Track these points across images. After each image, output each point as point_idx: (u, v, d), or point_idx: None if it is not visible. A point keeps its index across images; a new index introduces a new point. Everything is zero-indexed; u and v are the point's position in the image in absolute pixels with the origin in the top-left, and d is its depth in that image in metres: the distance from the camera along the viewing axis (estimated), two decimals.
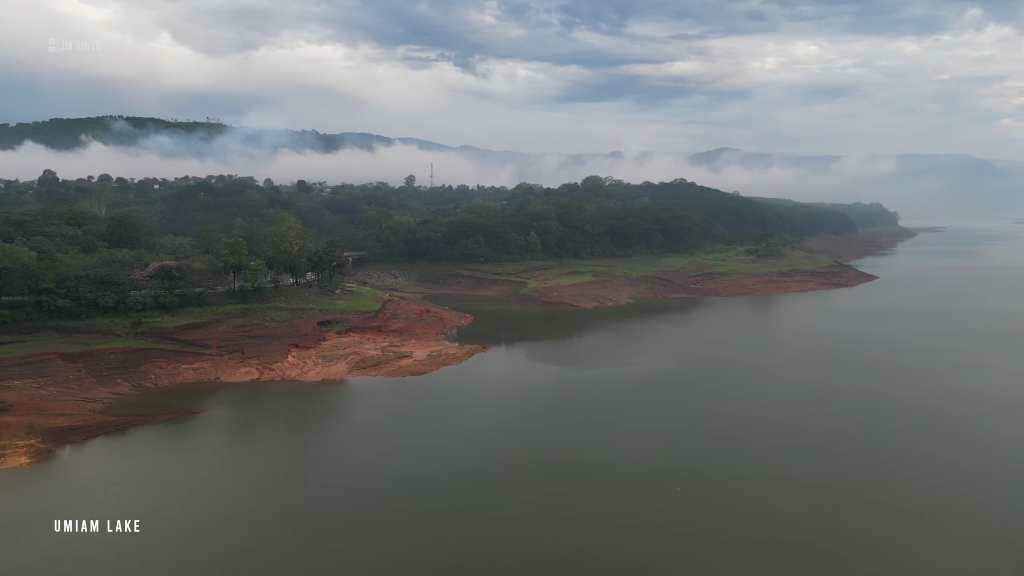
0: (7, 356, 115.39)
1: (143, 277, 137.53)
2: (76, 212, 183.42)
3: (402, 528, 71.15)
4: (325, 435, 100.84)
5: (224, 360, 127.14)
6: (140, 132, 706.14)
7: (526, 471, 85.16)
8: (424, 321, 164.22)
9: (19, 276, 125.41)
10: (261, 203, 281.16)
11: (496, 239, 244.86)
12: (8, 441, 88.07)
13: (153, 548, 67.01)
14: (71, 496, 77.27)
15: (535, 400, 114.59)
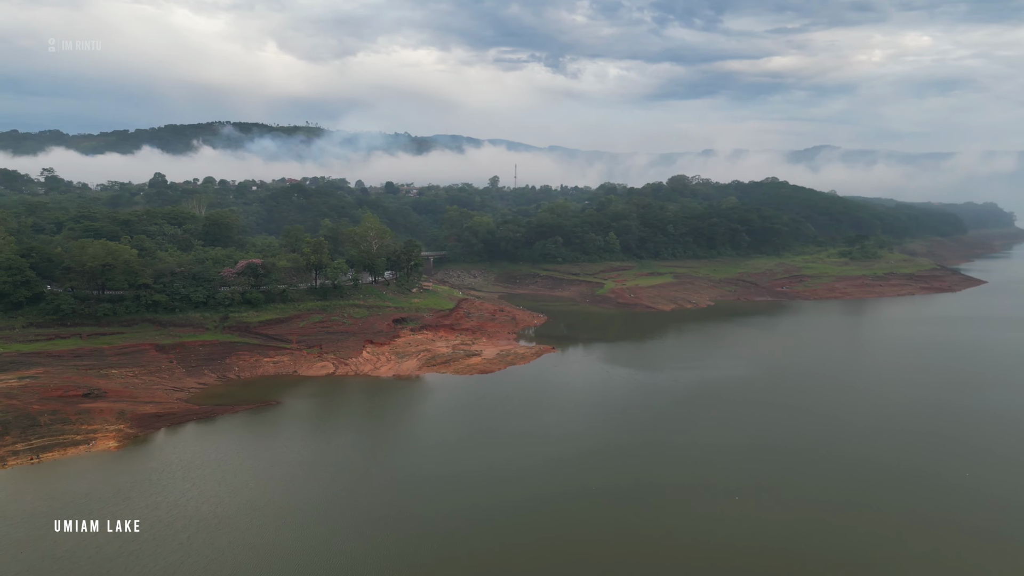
0: (107, 346, 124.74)
1: (232, 274, 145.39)
2: (177, 212, 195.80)
3: (440, 526, 72.67)
4: (391, 429, 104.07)
5: (303, 354, 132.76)
6: (246, 136, 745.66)
7: (576, 471, 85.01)
8: (496, 320, 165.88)
9: (121, 272, 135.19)
10: (350, 204, 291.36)
11: (575, 239, 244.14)
12: (100, 425, 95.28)
13: (222, 528, 70.94)
14: (150, 479, 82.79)
15: (598, 401, 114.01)
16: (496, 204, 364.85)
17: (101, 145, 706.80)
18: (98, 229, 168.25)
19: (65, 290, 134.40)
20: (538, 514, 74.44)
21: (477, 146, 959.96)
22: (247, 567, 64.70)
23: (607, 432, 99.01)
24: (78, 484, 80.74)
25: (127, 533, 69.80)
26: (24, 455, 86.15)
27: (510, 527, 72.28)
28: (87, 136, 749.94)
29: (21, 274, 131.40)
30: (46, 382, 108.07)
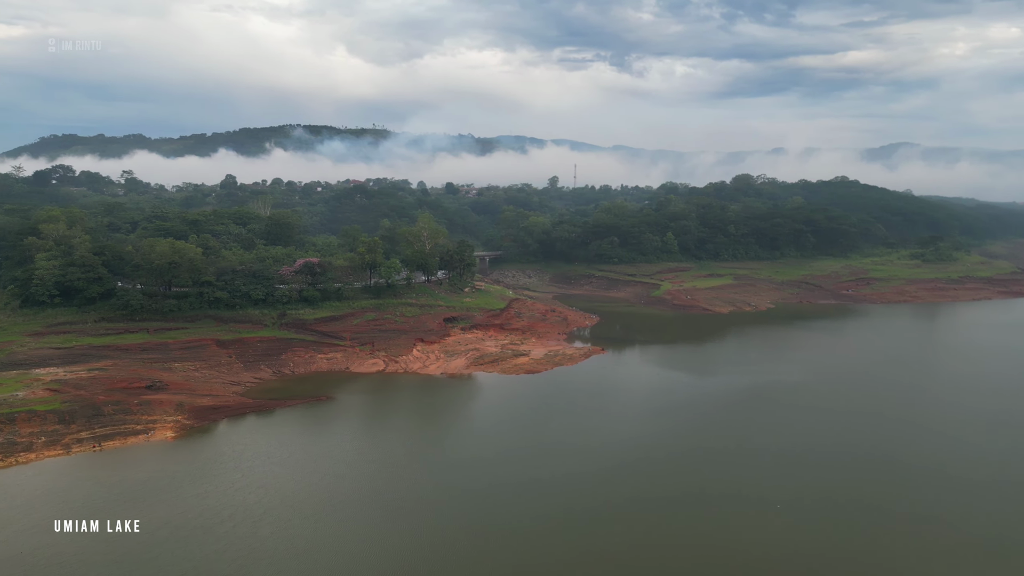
0: (172, 341, 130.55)
1: (290, 272, 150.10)
2: (242, 212, 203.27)
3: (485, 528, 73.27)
4: (435, 427, 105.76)
5: (355, 351, 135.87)
6: (316, 138, 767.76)
7: (619, 477, 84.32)
8: (547, 321, 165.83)
9: (186, 270, 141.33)
10: (410, 204, 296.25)
11: (631, 239, 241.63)
12: (159, 416, 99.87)
13: (266, 519, 73.37)
14: (202, 469, 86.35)
15: (645, 405, 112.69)
16: (554, 204, 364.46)
17: (181, 148, 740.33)
18: (168, 228, 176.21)
19: (134, 287, 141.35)
20: (579, 522, 73.79)
21: (540, 146, 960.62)
22: (285, 557, 66.71)
23: (652, 436, 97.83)
24: (136, 472, 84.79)
25: (178, 519, 73.01)
26: (88, 443, 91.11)
27: (547, 533, 71.69)
28: (168, 140, 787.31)
29: (94, 271, 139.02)
30: (113, 374, 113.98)
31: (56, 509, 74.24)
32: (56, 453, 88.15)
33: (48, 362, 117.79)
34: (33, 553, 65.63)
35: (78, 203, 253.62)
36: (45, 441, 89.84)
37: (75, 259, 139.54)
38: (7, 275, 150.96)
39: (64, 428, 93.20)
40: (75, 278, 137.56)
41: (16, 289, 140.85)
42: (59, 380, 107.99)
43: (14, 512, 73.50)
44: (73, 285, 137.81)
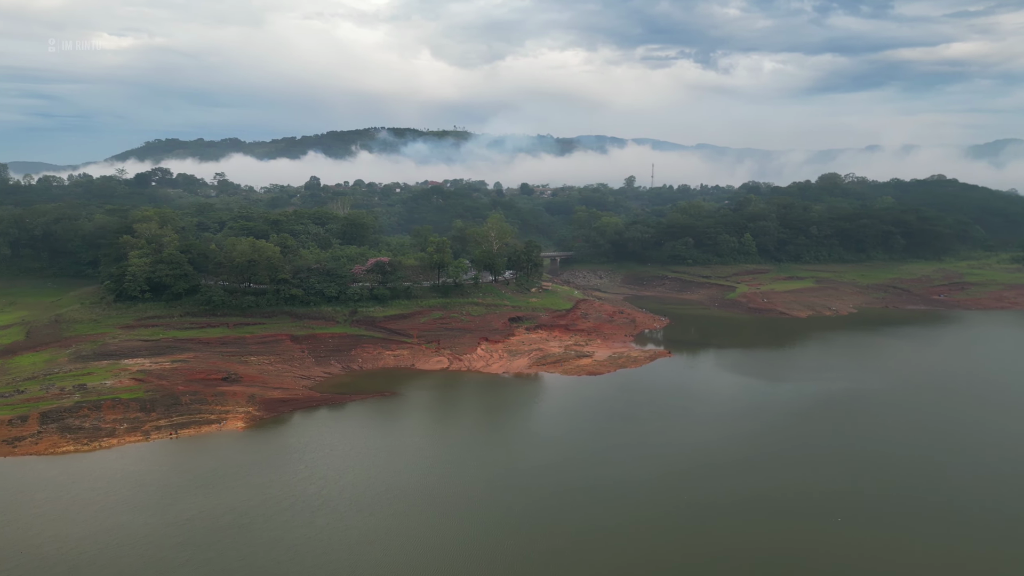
0: (249, 336, 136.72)
1: (362, 271, 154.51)
2: (321, 213, 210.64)
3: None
4: (493, 425, 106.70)
5: (421, 349, 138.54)
6: (400, 141, 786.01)
7: (676, 482, 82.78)
8: (614, 322, 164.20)
9: (264, 268, 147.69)
10: (485, 205, 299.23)
11: (707, 240, 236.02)
12: (231, 407, 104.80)
13: (323, 510, 75.88)
14: (267, 459, 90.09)
15: (707, 409, 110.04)
16: (630, 204, 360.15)
17: (273, 151, 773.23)
18: (252, 228, 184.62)
19: (217, 283, 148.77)
20: (630, 531, 72.75)
21: (621, 146, 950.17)
22: (337, 548, 68.73)
23: (712, 442, 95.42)
24: (206, 460, 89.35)
25: (241, 507, 76.47)
26: (165, 430, 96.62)
27: (597, 541, 70.91)
28: (261, 143, 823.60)
29: (181, 268, 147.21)
30: (194, 366, 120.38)
31: (132, 492, 79.15)
32: (136, 439, 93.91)
33: (136, 353, 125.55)
34: (107, 533, 70.13)
35: (173, 204, 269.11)
36: (127, 427, 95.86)
37: (164, 257, 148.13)
38: (105, 271, 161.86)
39: (145, 416, 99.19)
40: (163, 274, 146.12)
41: (111, 284, 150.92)
42: (144, 370, 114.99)
43: (95, 494, 78.71)
44: (162, 281, 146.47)
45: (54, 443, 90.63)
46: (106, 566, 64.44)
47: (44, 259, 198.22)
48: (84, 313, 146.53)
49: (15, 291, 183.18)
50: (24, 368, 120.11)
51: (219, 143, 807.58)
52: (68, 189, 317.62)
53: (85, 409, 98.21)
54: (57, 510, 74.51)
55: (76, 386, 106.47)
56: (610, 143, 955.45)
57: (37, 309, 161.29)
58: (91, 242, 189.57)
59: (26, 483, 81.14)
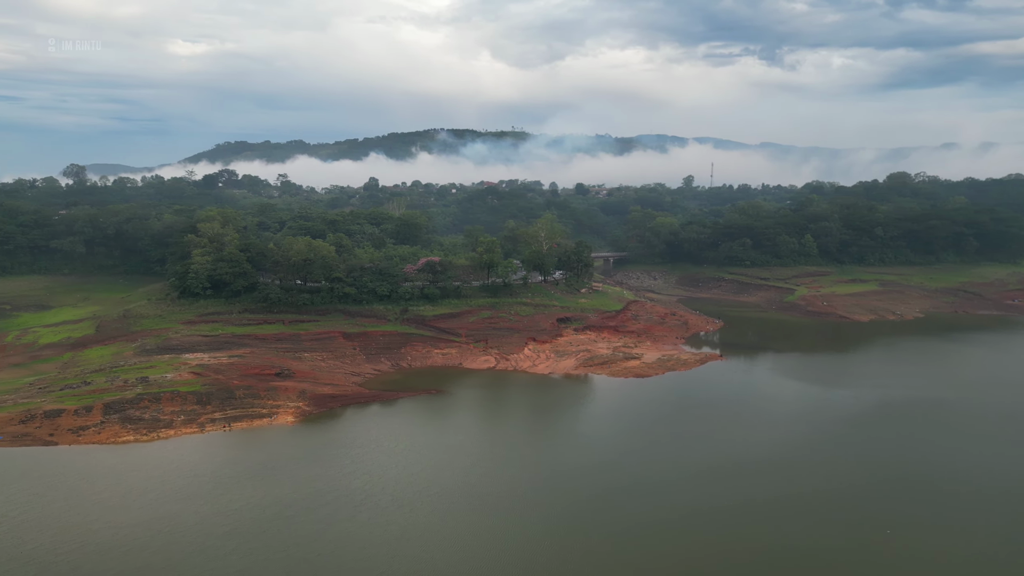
0: (304, 332, 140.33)
1: (413, 270, 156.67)
2: (377, 213, 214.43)
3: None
4: (533, 424, 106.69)
5: (469, 348, 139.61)
6: (459, 142, 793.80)
7: (697, 489, 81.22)
8: (665, 324, 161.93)
9: (319, 267, 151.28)
10: (539, 205, 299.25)
11: (765, 241, 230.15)
12: (283, 402, 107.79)
13: (366, 504, 77.37)
14: (315, 453, 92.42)
15: (753, 415, 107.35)
16: (688, 204, 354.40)
17: (336, 152, 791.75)
18: (310, 228, 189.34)
19: (273, 281, 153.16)
20: (665, 534, 72.08)
21: (682, 145, 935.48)
22: (377, 543, 69.92)
23: (758, 448, 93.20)
24: (256, 453, 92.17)
25: (287, 499, 78.61)
26: (219, 423, 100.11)
27: (633, 544, 70.37)
28: (324, 145, 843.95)
29: (240, 266, 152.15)
30: (250, 361, 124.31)
31: (186, 482, 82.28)
32: (192, 431, 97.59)
33: (196, 348, 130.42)
34: (160, 521, 73.05)
35: (237, 204, 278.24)
36: (184, 419, 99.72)
37: (224, 255, 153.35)
38: (171, 269, 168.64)
39: (201, 408, 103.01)
40: (224, 272, 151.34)
41: (176, 281, 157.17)
42: (203, 364, 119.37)
43: (151, 483, 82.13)
44: (222, 279, 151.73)
45: (115, 433, 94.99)
46: (157, 552, 67.17)
47: (116, 256, 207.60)
48: (150, 309, 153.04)
49: (89, 287, 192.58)
50: (93, 360, 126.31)
51: (285, 145, 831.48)
52: (141, 190, 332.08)
53: (146, 401, 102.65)
54: (115, 497, 78.06)
55: (139, 379, 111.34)
56: (670, 142, 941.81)
57: (108, 304, 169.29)
58: (159, 241, 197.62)
59: (88, 471, 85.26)
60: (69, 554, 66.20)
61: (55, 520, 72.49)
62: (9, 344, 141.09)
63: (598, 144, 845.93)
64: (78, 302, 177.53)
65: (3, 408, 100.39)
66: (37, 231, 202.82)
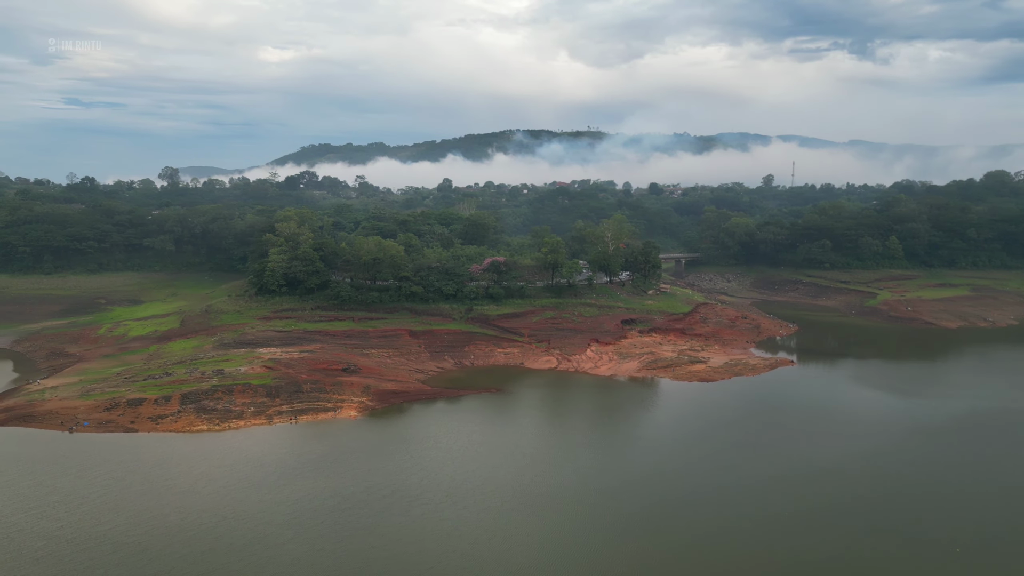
0: (371, 329, 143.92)
1: (478, 270, 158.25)
2: (446, 214, 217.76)
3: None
4: (591, 427, 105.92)
5: (531, 348, 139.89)
6: (536, 142, 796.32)
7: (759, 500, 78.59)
8: (736, 327, 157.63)
9: (387, 266, 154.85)
10: (610, 205, 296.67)
11: (846, 243, 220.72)
12: (347, 396, 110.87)
13: (419, 501, 78.69)
14: (375, 448, 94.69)
15: (820, 424, 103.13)
16: (766, 204, 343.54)
17: (415, 154, 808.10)
18: (382, 228, 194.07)
19: (344, 279, 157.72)
20: (721, 550, 70.42)
21: (765, 143, 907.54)
22: (428, 538, 70.89)
23: (824, 460, 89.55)
24: (319, 446, 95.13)
25: (345, 491, 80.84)
26: (286, 415, 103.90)
27: (681, 556, 69.31)
28: (404, 147, 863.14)
29: (313, 265, 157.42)
30: (319, 356, 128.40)
31: (251, 471, 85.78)
32: (260, 422, 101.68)
33: (270, 343, 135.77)
34: (226, 508, 76.40)
35: (317, 204, 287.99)
36: (253, 411, 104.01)
37: (299, 254, 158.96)
38: (251, 266, 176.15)
39: (270, 401, 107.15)
40: (298, 270, 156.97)
41: (254, 279, 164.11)
42: (275, 359, 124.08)
43: (220, 471, 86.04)
44: (296, 277, 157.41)
45: (190, 422, 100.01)
46: (220, 538, 70.29)
47: (202, 254, 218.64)
48: (230, 305, 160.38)
49: (177, 283, 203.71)
50: (175, 353, 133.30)
51: (366, 147, 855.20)
52: (228, 191, 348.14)
53: (220, 392, 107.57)
54: (186, 484, 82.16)
55: (215, 371, 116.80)
56: (753, 140, 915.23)
57: (193, 300, 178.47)
58: (242, 240, 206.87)
59: (163, 457, 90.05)
60: (140, 536, 70.08)
61: (130, 503, 76.91)
62: (102, 336, 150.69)
63: (677, 143, 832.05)
64: (166, 297, 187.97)
65: (91, 396, 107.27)
66: (132, 230, 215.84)
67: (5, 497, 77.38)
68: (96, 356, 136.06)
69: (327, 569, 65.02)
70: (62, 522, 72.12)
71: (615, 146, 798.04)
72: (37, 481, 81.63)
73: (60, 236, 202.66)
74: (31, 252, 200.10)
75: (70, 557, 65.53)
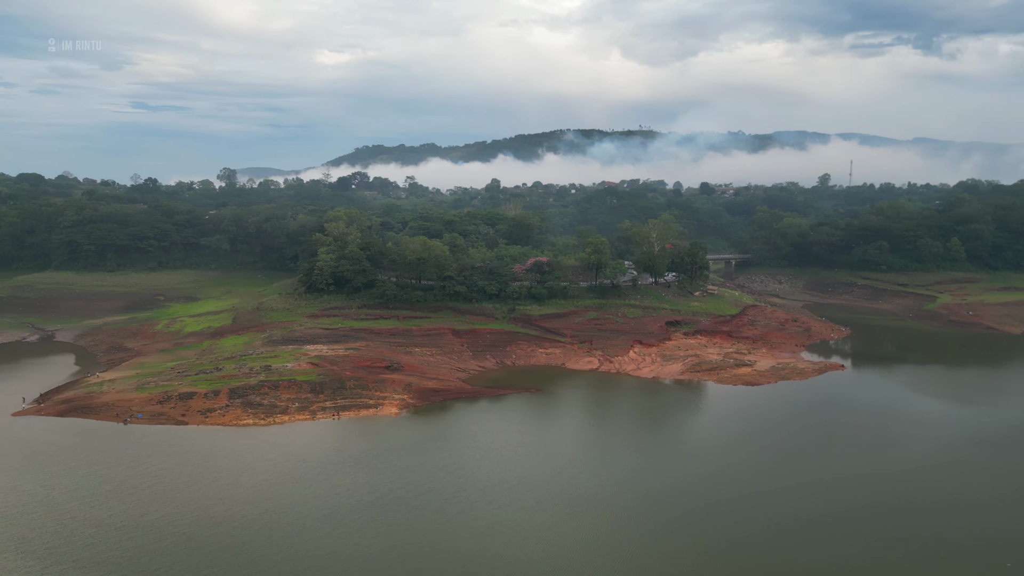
0: (415, 328, 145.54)
1: (521, 270, 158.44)
2: (492, 214, 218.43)
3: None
4: (626, 430, 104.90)
5: (573, 348, 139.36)
6: (587, 142, 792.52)
7: (796, 508, 76.52)
8: (785, 330, 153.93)
9: (432, 266, 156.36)
10: (659, 205, 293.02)
11: (905, 245, 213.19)
12: (389, 394, 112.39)
13: (456, 499, 79.13)
14: (413, 445, 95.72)
15: (868, 432, 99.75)
16: (822, 204, 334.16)
17: (466, 155, 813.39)
18: (429, 228, 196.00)
19: (390, 279, 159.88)
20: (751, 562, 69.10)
21: (824, 142, 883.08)
22: (463, 536, 71.20)
23: (870, 469, 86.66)
24: (360, 442, 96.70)
25: (383, 488, 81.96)
26: (329, 411, 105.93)
27: (724, 558, 68.06)
28: (455, 147, 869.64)
29: (360, 264, 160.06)
30: (364, 354, 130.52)
31: (294, 465, 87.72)
32: (304, 418, 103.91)
33: (317, 340, 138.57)
34: (267, 500, 78.26)
35: (367, 205, 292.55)
36: (298, 406, 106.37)
37: (346, 253, 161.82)
38: (301, 265, 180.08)
39: (313, 397, 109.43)
40: (345, 269, 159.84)
41: (303, 277, 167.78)
42: (320, 356, 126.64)
43: (263, 464, 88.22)
44: (344, 275, 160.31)
45: (237, 416, 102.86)
46: (260, 530, 72.04)
47: (256, 253, 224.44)
48: (280, 302, 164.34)
49: (232, 281, 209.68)
50: (226, 349, 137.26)
51: (418, 148, 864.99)
52: (282, 191, 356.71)
53: (266, 388, 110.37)
54: (231, 476, 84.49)
55: (263, 367, 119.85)
56: (811, 139, 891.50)
57: (246, 297, 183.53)
58: (293, 239, 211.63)
59: (210, 450, 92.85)
60: (185, 526, 72.40)
61: (177, 493, 79.53)
62: (159, 331, 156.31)
63: (731, 141, 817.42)
64: (221, 295, 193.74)
65: (146, 389, 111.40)
66: (189, 229, 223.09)
67: (62, 485, 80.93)
68: (153, 351, 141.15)
69: (362, 564, 66.03)
70: (113, 511, 75.04)
71: (668, 145, 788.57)
72: (92, 471, 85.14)
73: (122, 235, 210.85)
74: (95, 250, 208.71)
75: (118, 544, 68.14)
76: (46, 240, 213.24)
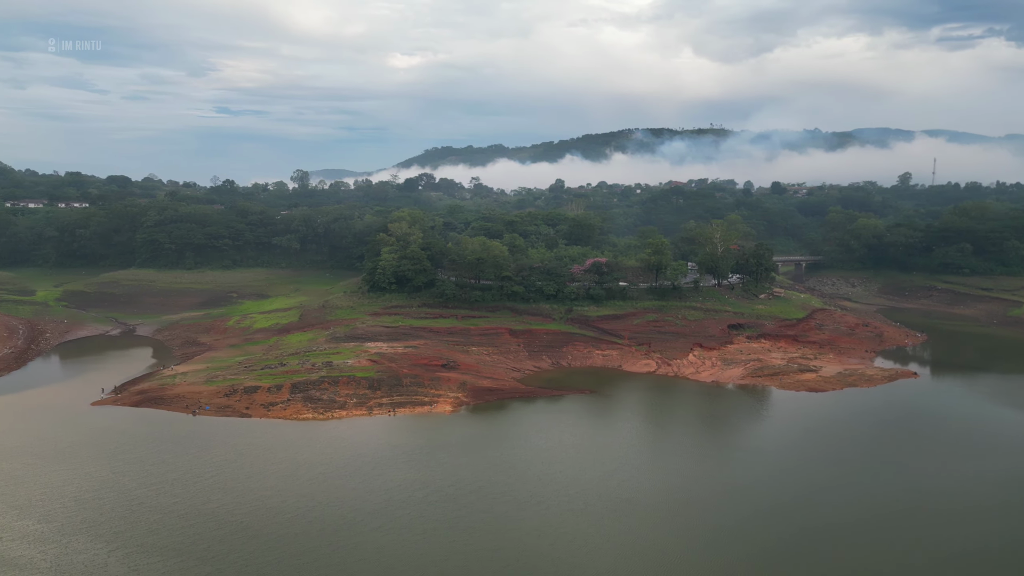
0: (473, 327, 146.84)
1: (580, 271, 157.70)
2: (553, 214, 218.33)
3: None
4: (680, 435, 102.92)
5: (631, 351, 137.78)
6: (656, 141, 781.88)
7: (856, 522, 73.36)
8: (855, 335, 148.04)
9: (490, 266, 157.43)
10: (727, 206, 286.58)
11: (990, 247, 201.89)
12: (443, 391, 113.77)
13: (504, 498, 79.66)
14: (464, 443, 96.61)
15: (943, 442, 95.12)
16: (901, 204, 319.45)
17: (533, 155, 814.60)
18: (490, 228, 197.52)
19: (449, 278, 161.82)
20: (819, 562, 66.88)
21: (908, 139, 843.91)
22: (510, 536, 71.41)
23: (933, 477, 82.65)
24: (413, 438, 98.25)
25: (435, 484, 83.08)
26: (385, 407, 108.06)
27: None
28: (522, 148, 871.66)
29: (420, 263, 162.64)
30: (422, 352, 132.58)
31: (348, 460, 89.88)
32: (361, 413, 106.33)
33: (378, 337, 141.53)
34: (322, 493, 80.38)
35: (432, 206, 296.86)
36: (355, 402, 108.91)
37: (408, 253, 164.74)
38: (365, 265, 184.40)
39: (371, 393, 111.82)
40: (406, 269, 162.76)
41: (367, 276, 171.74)
42: (380, 353, 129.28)
43: (320, 457, 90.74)
44: (405, 275, 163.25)
45: (298, 410, 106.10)
46: (313, 522, 74.13)
47: (324, 252, 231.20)
48: (344, 300, 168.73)
49: (301, 279, 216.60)
50: (292, 345, 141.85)
51: (486, 149, 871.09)
52: (352, 192, 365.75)
53: (326, 383, 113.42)
54: (288, 468, 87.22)
55: (324, 363, 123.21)
56: (894, 136, 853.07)
57: (313, 295, 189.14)
58: (360, 239, 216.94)
59: (271, 443, 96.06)
60: (242, 515, 75.15)
61: (237, 484, 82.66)
62: (231, 327, 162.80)
63: (808, 139, 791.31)
64: (290, 292, 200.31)
65: (214, 382, 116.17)
66: (262, 229, 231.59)
67: (133, 472, 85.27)
68: (223, 345, 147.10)
69: (408, 559, 67.05)
70: (177, 498, 78.59)
71: (741, 143, 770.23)
72: (161, 459, 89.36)
73: (200, 234, 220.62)
74: (175, 249, 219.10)
75: (179, 531, 71.33)
76: (131, 239, 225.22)
